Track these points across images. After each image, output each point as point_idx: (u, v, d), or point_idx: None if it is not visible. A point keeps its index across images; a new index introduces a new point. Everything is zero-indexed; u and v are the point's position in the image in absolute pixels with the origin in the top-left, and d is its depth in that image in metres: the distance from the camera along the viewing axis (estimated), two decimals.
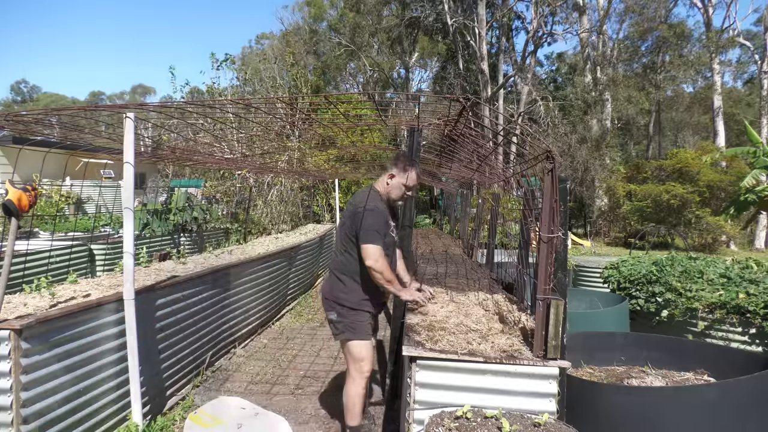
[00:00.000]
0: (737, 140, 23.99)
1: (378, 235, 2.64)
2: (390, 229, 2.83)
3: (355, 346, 2.77)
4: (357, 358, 2.77)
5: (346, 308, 2.79)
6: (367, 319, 2.82)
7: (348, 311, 2.79)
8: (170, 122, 5.18)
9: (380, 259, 2.62)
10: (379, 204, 2.77)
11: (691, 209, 14.54)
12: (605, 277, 5.06)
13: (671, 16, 23.29)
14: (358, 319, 2.78)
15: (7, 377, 2.30)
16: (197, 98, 13.37)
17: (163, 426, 3.16)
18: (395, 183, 2.81)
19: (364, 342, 2.78)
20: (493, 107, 18.88)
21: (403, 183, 2.81)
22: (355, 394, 2.79)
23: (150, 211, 8.00)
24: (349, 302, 2.79)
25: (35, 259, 5.18)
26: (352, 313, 2.79)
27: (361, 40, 23.02)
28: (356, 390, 2.79)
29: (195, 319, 3.91)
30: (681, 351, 3.14)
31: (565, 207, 2.16)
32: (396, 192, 2.83)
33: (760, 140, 10.34)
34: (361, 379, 2.78)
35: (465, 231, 7.75)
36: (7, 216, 2.47)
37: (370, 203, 2.75)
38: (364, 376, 2.78)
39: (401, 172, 2.81)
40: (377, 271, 2.62)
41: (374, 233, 2.64)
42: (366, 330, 2.80)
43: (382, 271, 2.62)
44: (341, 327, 2.81)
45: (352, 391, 2.81)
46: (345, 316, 2.80)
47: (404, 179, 2.80)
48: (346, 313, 2.80)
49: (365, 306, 2.81)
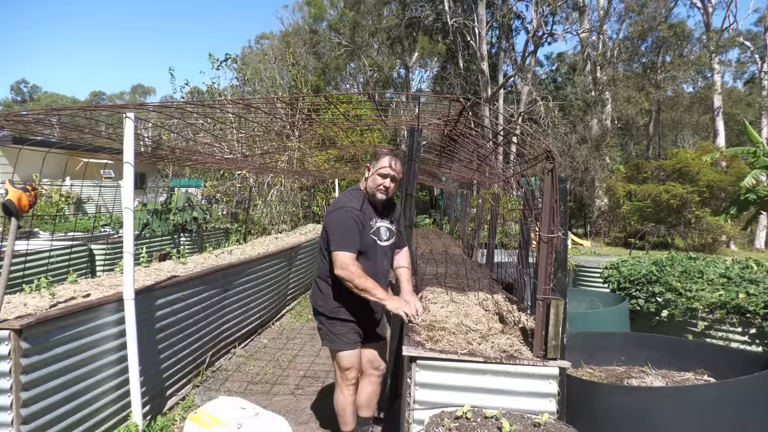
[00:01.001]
0: (737, 140, 23.98)
1: (346, 240, 2.44)
2: (373, 230, 2.62)
3: (336, 355, 2.67)
4: (340, 367, 2.68)
5: (324, 317, 2.67)
6: (347, 329, 2.64)
7: (325, 320, 2.67)
8: (170, 122, 5.18)
9: (349, 266, 2.40)
10: (352, 203, 2.55)
11: (691, 209, 14.54)
12: (605, 277, 5.06)
13: (671, 16, 23.31)
14: (335, 328, 2.64)
15: (7, 377, 2.30)
16: (197, 98, 13.37)
17: (163, 426, 3.16)
18: (370, 174, 2.61)
19: (345, 352, 2.64)
20: (493, 107, 18.88)
21: (377, 172, 2.56)
22: (343, 401, 2.73)
23: (150, 211, 8.01)
24: (325, 309, 2.66)
25: (35, 259, 5.18)
26: (328, 322, 2.66)
27: (361, 40, 23.03)
28: (343, 398, 2.72)
29: (195, 319, 3.91)
30: (681, 351, 3.14)
31: (565, 207, 2.16)
32: (372, 183, 2.58)
33: (760, 140, 10.34)
34: (346, 387, 2.70)
35: (465, 231, 7.75)
36: (7, 216, 2.47)
37: (339, 203, 2.58)
38: (349, 384, 2.69)
39: (374, 161, 2.60)
40: (346, 280, 2.41)
41: (341, 237, 2.45)
42: (346, 339, 2.64)
43: (352, 279, 2.40)
44: (322, 335, 2.73)
45: (339, 399, 2.75)
46: (323, 324, 2.69)
47: (377, 167, 2.57)
48: (324, 321, 2.68)
49: (341, 314, 2.63)
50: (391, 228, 2.73)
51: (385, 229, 2.69)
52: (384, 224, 2.68)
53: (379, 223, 2.66)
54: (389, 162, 2.56)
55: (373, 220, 2.63)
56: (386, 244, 2.69)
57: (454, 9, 21.47)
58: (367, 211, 2.60)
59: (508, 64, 23.96)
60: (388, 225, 2.71)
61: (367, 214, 2.60)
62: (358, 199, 2.60)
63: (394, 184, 2.61)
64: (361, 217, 2.53)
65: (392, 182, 2.60)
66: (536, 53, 22.45)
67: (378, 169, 2.56)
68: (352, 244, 2.45)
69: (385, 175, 2.56)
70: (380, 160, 2.56)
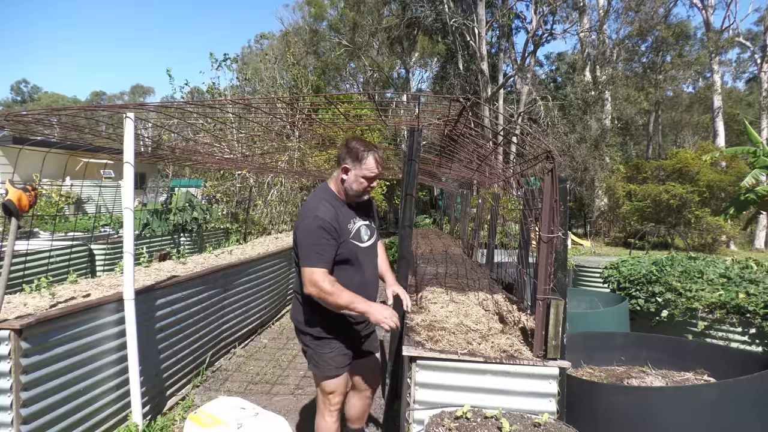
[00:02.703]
0: (737, 140, 23.97)
1: (315, 254, 2.15)
2: (352, 233, 2.33)
3: (320, 380, 2.41)
4: (323, 391, 2.41)
5: (309, 336, 2.38)
6: (336, 352, 2.36)
7: (310, 340, 2.38)
8: (170, 122, 5.19)
9: (319, 282, 2.12)
10: (323, 209, 2.22)
11: (690, 209, 14.55)
12: (605, 277, 5.06)
13: (671, 16, 23.30)
14: (321, 350, 2.35)
15: (7, 377, 2.31)
16: (197, 98, 13.37)
17: (163, 426, 3.16)
18: (352, 177, 2.27)
19: (330, 379, 2.38)
20: (493, 107, 18.88)
21: (362, 175, 2.25)
22: (324, 428, 2.46)
23: (150, 211, 8.00)
24: (309, 330, 2.37)
25: (35, 259, 5.17)
26: (314, 343, 2.37)
27: (361, 40, 23.02)
28: (324, 425, 2.45)
29: (195, 319, 3.91)
30: (681, 351, 3.14)
31: (565, 207, 2.16)
32: (356, 186, 2.28)
33: (760, 140, 10.34)
34: (329, 413, 2.43)
35: (465, 231, 7.75)
36: (7, 216, 2.47)
37: (308, 209, 2.25)
38: (333, 410, 2.44)
39: (356, 161, 2.24)
40: (320, 298, 2.15)
41: (309, 250, 2.16)
42: (334, 363, 2.36)
43: (325, 299, 2.14)
44: (308, 357, 2.44)
45: (321, 426, 2.46)
46: (308, 345, 2.40)
47: (362, 169, 2.24)
48: (309, 343, 2.39)
49: (327, 332, 2.34)
50: (370, 225, 2.47)
51: (365, 228, 2.42)
52: (363, 222, 2.41)
53: (359, 223, 2.37)
54: (375, 162, 2.26)
55: (350, 222, 2.33)
56: (368, 245, 2.42)
57: (454, 9, 21.46)
58: (342, 215, 2.30)
59: (508, 64, 23.95)
60: (367, 222, 2.44)
61: (344, 218, 2.30)
62: (329, 200, 2.29)
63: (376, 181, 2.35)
64: (335, 225, 2.22)
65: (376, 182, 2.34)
66: (536, 53, 22.47)
67: (364, 170, 2.25)
68: (323, 259, 2.17)
69: (373, 178, 2.29)
70: (365, 161, 2.24)
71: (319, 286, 2.13)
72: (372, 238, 2.46)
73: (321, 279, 2.13)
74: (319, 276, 2.13)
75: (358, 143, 2.28)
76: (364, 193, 2.33)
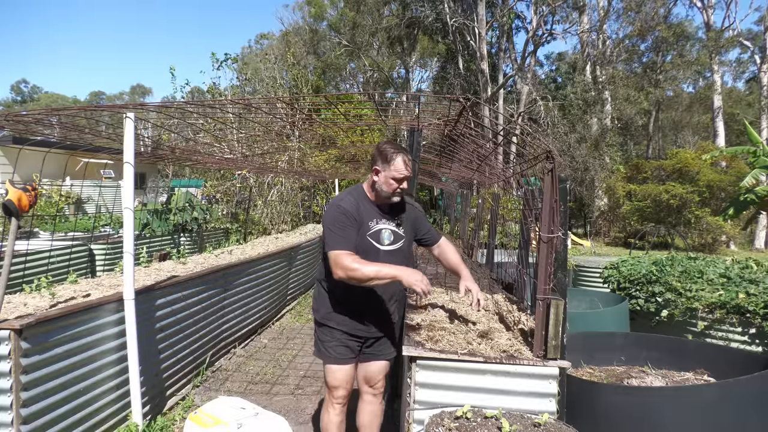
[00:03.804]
0: (737, 140, 23.97)
1: (338, 238, 2.23)
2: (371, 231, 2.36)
3: (324, 368, 2.47)
4: (327, 382, 2.47)
5: (316, 321, 2.48)
6: (336, 341, 2.40)
7: (316, 326, 2.48)
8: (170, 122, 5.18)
9: (345, 261, 2.17)
10: (345, 200, 2.34)
11: (690, 209, 14.55)
12: (605, 277, 5.06)
13: (671, 16, 23.30)
14: (324, 336, 2.43)
15: (7, 377, 2.30)
16: (198, 98, 13.37)
17: (163, 426, 3.16)
18: (382, 178, 2.32)
19: (331, 366, 2.43)
20: (493, 107, 18.88)
21: (391, 176, 2.30)
22: (327, 421, 2.49)
23: (150, 211, 8.00)
24: (318, 314, 2.46)
25: (35, 259, 5.17)
26: (319, 329, 2.46)
27: (361, 39, 23.03)
28: (327, 417, 2.49)
29: (195, 319, 3.91)
30: (681, 351, 3.14)
31: (565, 207, 2.16)
32: (386, 188, 2.33)
33: (760, 140, 10.33)
34: (332, 407, 2.46)
35: (465, 231, 7.75)
36: (7, 216, 2.47)
37: (332, 201, 2.40)
38: (335, 403, 2.45)
39: (385, 163, 2.30)
40: (348, 278, 2.17)
41: (333, 236, 2.24)
42: (333, 352, 2.40)
43: (353, 274, 2.15)
44: (314, 342, 2.53)
45: (323, 418, 2.52)
46: (315, 330, 2.50)
47: (390, 171, 2.29)
48: (316, 328, 2.49)
49: (331, 321, 2.41)
50: (397, 231, 2.43)
51: (389, 233, 2.40)
52: (388, 226, 2.41)
53: (381, 225, 2.39)
54: (404, 164, 2.30)
55: (373, 220, 2.37)
56: (390, 249, 2.39)
57: (454, 9, 21.47)
58: (365, 211, 2.35)
59: (508, 64, 23.95)
60: (394, 228, 2.43)
61: (366, 214, 2.35)
62: (355, 196, 2.39)
63: (407, 182, 2.38)
64: (355, 216, 2.29)
65: (406, 183, 2.38)
66: (536, 53, 22.47)
67: (393, 172, 2.29)
68: (346, 242, 2.23)
69: (402, 179, 2.31)
70: (394, 162, 2.28)
71: (343, 266, 2.17)
72: (396, 244, 2.44)
73: (345, 259, 2.18)
74: (343, 256, 2.19)
75: (388, 145, 2.36)
76: (393, 194, 2.35)
